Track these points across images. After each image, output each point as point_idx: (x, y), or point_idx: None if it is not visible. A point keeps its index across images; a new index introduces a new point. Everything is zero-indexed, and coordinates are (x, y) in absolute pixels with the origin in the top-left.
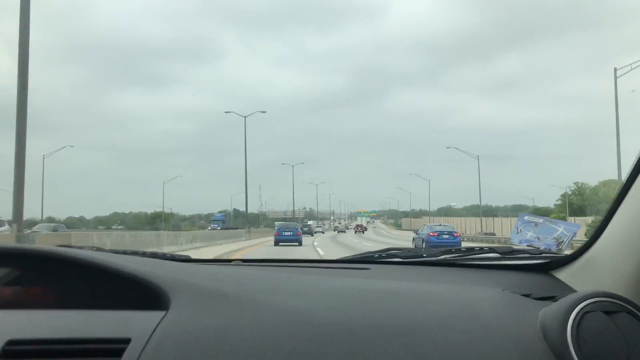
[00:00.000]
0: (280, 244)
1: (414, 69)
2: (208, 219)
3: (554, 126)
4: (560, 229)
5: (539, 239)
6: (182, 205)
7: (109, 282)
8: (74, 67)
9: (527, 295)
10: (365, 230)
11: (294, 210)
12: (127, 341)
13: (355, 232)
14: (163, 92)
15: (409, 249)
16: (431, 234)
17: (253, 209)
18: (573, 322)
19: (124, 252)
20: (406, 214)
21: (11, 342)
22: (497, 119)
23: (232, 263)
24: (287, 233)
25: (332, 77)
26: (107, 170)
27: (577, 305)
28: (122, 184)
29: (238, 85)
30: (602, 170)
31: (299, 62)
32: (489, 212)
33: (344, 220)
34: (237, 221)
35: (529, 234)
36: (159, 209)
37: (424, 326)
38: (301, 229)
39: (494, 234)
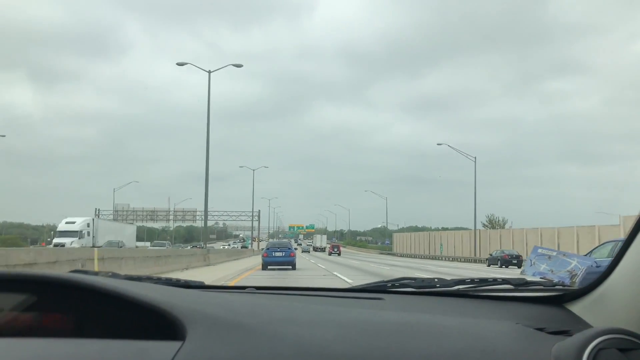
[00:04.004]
0: (269, 267)
1: (338, 79)
2: None
3: (473, 150)
4: (573, 262)
5: (552, 271)
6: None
7: (125, 310)
8: None
9: (541, 329)
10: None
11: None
12: None
13: (330, 253)
14: (59, 90)
15: (422, 279)
16: None
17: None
18: (587, 359)
19: (139, 279)
20: (342, 234)
21: None
22: (419, 140)
23: (246, 290)
24: (277, 254)
25: (250, 83)
26: None
27: (591, 342)
28: (14, 193)
29: (143, 86)
30: (512, 198)
31: (213, 62)
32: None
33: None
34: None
35: (543, 267)
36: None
37: None
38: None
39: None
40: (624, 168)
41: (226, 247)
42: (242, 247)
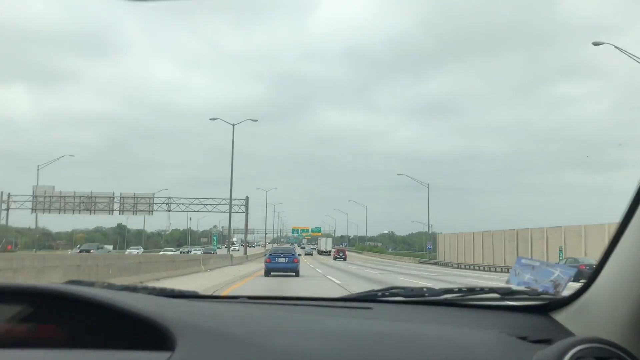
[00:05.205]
0: (272, 273)
1: (342, 80)
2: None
3: (478, 156)
4: (556, 272)
5: (536, 281)
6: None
7: (119, 321)
8: None
9: (523, 338)
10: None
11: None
12: None
13: (335, 258)
14: (56, 90)
15: (411, 288)
16: None
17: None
18: None
19: (135, 289)
20: (349, 239)
21: None
22: (424, 145)
23: (239, 300)
24: (280, 260)
25: (252, 84)
26: None
27: (569, 351)
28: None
29: (144, 87)
30: (522, 205)
31: (214, 63)
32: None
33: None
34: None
35: (527, 277)
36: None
37: None
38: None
39: None
40: None
41: (172, 253)
42: (204, 253)
